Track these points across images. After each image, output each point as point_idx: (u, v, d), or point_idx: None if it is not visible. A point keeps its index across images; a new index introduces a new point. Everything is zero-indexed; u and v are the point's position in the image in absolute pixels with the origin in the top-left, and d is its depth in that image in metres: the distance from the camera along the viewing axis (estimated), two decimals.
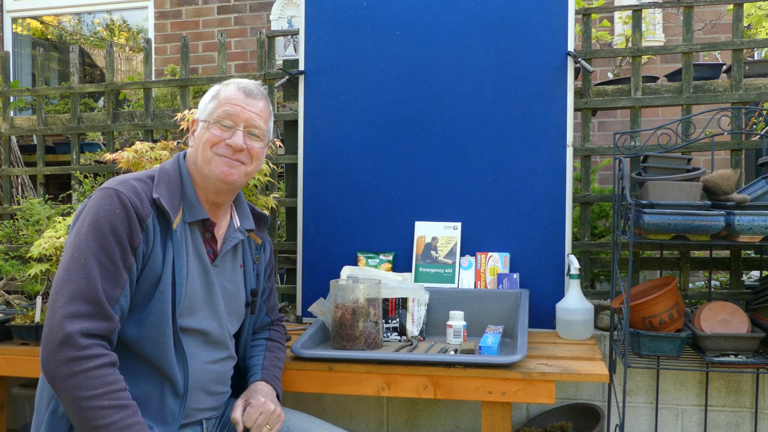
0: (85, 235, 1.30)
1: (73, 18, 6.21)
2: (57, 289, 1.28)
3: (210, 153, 1.45)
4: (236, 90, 1.48)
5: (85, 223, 1.32)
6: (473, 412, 2.33)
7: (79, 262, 1.28)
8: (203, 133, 1.46)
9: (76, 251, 1.29)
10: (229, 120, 1.46)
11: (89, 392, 1.22)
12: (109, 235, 1.30)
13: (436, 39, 2.32)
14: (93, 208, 1.33)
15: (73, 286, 1.26)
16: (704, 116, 2.26)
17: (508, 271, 2.22)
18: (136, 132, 3.23)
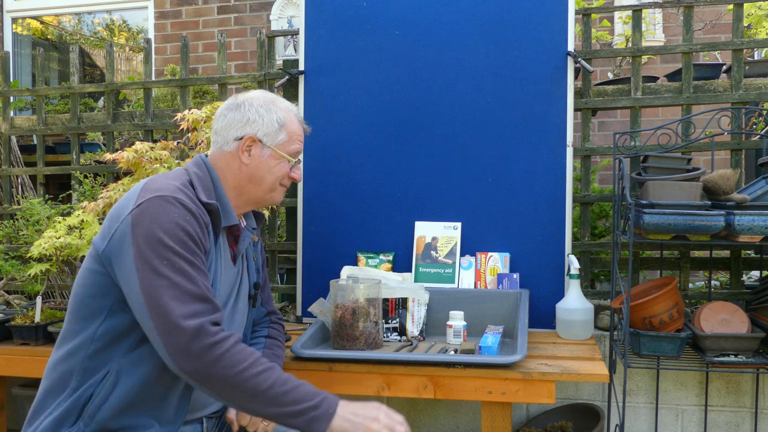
0: (166, 240, 1.28)
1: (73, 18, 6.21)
2: (158, 296, 1.25)
3: (276, 184, 1.56)
4: (299, 124, 1.61)
5: (159, 230, 1.29)
6: (473, 412, 2.33)
7: (173, 266, 1.28)
8: (274, 163, 1.54)
9: (164, 258, 1.27)
10: (296, 156, 1.60)
11: (241, 365, 1.26)
12: (189, 239, 1.32)
13: (436, 39, 2.32)
14: (163, 216, 1.31)
15: (177, 290, 1.27)
16: (704, 116, 2.26)
17: (508, 271, 2.22)
18: (136, 132, 3.23)
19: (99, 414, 1.33)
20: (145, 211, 1.31)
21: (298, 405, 1.26)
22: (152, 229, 1.29)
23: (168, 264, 1.27)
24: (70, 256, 2.06)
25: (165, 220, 1.30)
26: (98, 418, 1.33)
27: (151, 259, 1.27)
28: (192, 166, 1.50)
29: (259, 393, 1.26)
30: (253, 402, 1.27)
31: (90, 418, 1.33)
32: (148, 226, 1.29)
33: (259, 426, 1.49)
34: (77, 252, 2.01)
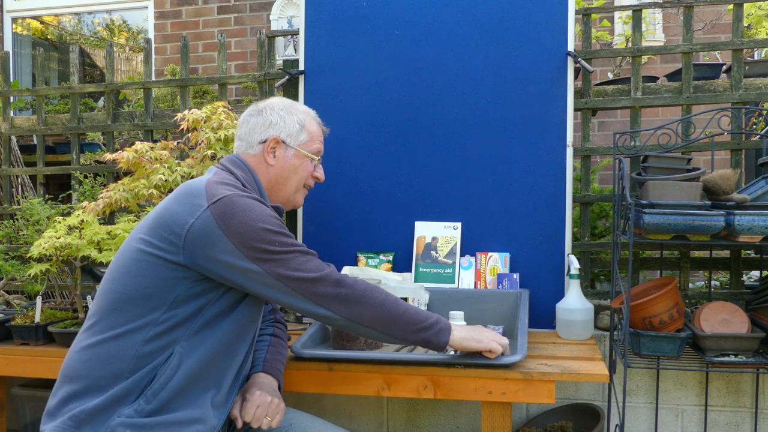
0: (267, 227, 1.39)
1: (73, 18, 6.21)
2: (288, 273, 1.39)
3: (301, 185, 1.65)
4: (318, 127, 1.69)
5: (254, 221, 1.38)
6: (473, 412, 2.33)
7: (284, 244, 1.40)
8: (298, 163, 1.62)
9: (274, 240, 1.38)
10: (319, 155, 1.68)
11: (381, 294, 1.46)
12: (281, 227, 1.43)
13: (436, 39, 2.32)
14: (249, 209, 1.39)
15: (298, 258, 1.40)
16: (704, 116, 2.26)
17: (508, 271, 2.22)
18: (136, 132, 3.23)
19: (162, 392, 1.35)
20: (228, 206, 1.38)
21: (427, 321, 1.49)
22: (249, 220, 1.37)
23: (280, 243, 1.39)
24: (70, 256, 2.06)
25: (257, 212, 1.40)
26: (161, 397, 1.35)
27: (261, 244, 1.37)
28: (235, 169, 1.55)
29: (400, 316, 1.46)
30: (396, 325, 1.46)
31: (153, 395, 1.35)
32: (241, 219, 1.37)
33: (263, 420, 1.49)
34: (77, 252, 2.01)
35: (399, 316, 1.46)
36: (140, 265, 1.38)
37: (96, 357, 1.37)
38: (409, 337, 1.48)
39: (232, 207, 1.37)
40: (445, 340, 1.51)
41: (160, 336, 1.36)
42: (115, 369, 1.35)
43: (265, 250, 1.37)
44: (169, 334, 1.37)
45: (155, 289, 1.37)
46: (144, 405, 1.34)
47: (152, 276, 1.37)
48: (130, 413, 1.33)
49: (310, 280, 1.39)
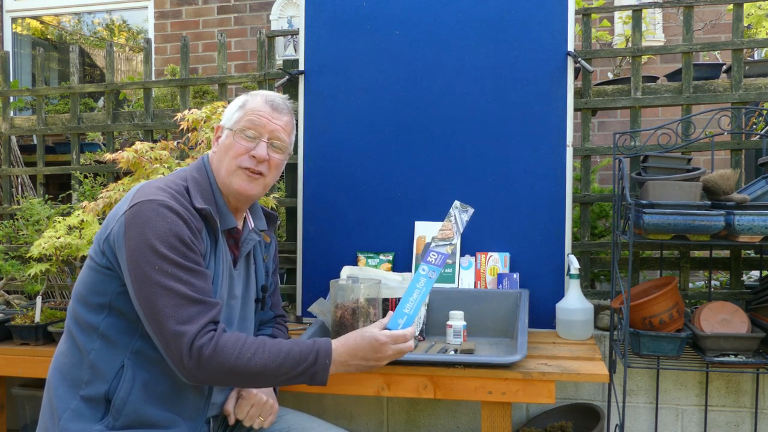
0: (157, 246, 1.30)
1: (73, 18, 6.21)
2: (153, 304, 1.29)
3: (234, 164, 1.48)
4: (263, 102, 1.52)
5: (151, 235, 1.30)
6: (473, 412, 2.33)
7: (165, 273, 1.29)
8: (228, 142, 1.50)
9: (155, 265, 1.29)
10: (253, 131, 1.49)
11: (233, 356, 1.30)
12: (181, 244, 1.32)
13: (436, 39, 2.32)
14: (154, 222, 1.32)
15: (171, 297, 1.29)
16: (704, 116, 2.26)
17: (508, 271, 2.22)
18: (136, 132, 3.23)
19: (126, 407, 1.35)
20: (136, 214, 1.33)
21: (296, 369, 1.34)
22: (144, 234, 1.31)
23: (160, 271, 1.29)
24: (70, 256, 2.06)
25: (156, 226, 1.31)
26: (126, 411, 1.35)
27: (143, 266, 1.29)
28: (192, 169, 1.51)
29: (263, 370, 1.31)
30: (260, 378, 1.33)
31: (118, 412, 1.35)
32: (139, 231, 1.31)
33: (255, 420, 1.50)
34: (77, 252, 2.01)
35: (255, 376, 1.32)
36: (85, 271, 1.41)
37: (62, 366, 1.41)
38: (278, 384, 1.37)
39: (137, 216, 1.32)
40: (321, 381, 1.36)
41: (106, 345, 1.37)
42: (74, 378, 1.38)
43: (140, 267, 1.29)
44: (114, 343, 1.37)
45: (95, 295, 1.38)
46: (113, 422, 1.35)
47: (91, 280, 1.39)
48: (102, 428, 1.35)
49: (165, 328, 1.28)
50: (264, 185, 1.53)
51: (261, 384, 1.36)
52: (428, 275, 1.50)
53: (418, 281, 1.49)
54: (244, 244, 1.55)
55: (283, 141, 1.53)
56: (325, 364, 1.35)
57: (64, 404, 1.37)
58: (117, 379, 1.35)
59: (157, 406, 1.37)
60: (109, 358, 1.36)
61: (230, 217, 1.50)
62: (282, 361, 1.33)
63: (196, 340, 1.27)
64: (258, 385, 1.37)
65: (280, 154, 1.53)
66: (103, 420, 1.35)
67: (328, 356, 1.35)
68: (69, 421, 1.35)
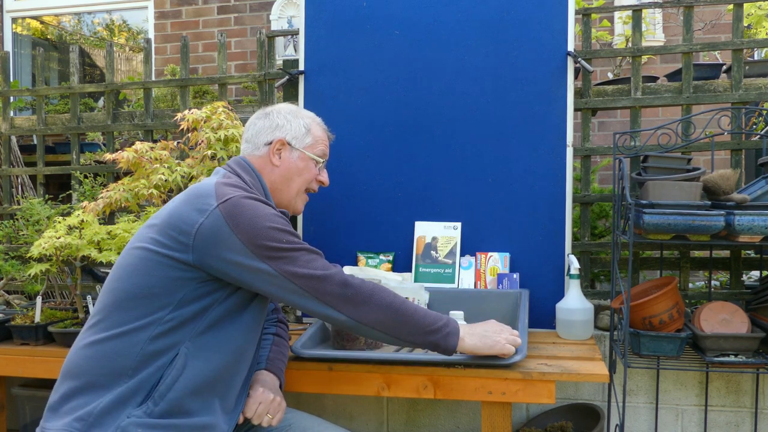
0: (277, 226, 1.40)
1: (73, 18, 6.21)
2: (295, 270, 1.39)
3: (304, 187, 1.68)
4: (324, 132, 1.72)
5: (262, 220, 1.39)
6: (473, 412, 2.33)
7: (290, 242, 1.40)
8: (303, 165, 1.65)
9: (281, 238, 1.39)
10: (323, 159, 1.71)
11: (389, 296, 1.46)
12: (283, 221, 1.44)
13: (436, 39, 2.32)
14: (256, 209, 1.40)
15: (306, 256, 1.41)
16: (704, 116, 2.26)
17: (508, 271, 2.22)
18: (136, 132, 3.23)
19: (169, 394, 1.34)
20: (237, 207, 1.39)
21: (435, 324, 1.48)
22: (257, 220, 1.39)
23: (287, 242, 1.40)
24: (70, 256, 2.06)
25: (263, 211, 1.41)
26: (168, 399, 1.34)
27: (269, 244, 1.38)
28: (241, 172, 1.56)
29: (408, 318, 1.45)
30: (403, 327, 1.45)
31: (160, 397, 1.34)
32: (251, 218, 1.38)
33: (264, 418, 1.51)
34: (77, 252, 2.01)
35: (407, 318, 1.45)
36: (147, 264, 1.38)
37: (100, 354, 1.36)
38: (416, 339, 1.47)
39: (240, 207, 1.38)
40: (454, 343, 1.50)
41: (164, 335, 1.35)
42: (118, 367, 1.35)
43: (273, 247, 1.38)
44: (174, 333, 1.36)
45: (162, 288, 1.37)
46: (152, 407, 1.33)
47: (160, 275, 1.37)
48: (139, 414, 1.32)
49: (317, 278, 1.40)
50: None
51: (408, 331, 1.46)
52: None
53: None
54: None
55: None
56: (456, 327, 1.52)
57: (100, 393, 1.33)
58: (169, 368, 1.35)
59: (202, 395, 1.38)
60: (165, 348, 1.36)
61: None
62: (424, 313, 1.48)
63: (348, 279, 1.42)
64: (405, 331, 1.45)
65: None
66: (141, 405, 1.33)
67: (456, 323, 1.53)
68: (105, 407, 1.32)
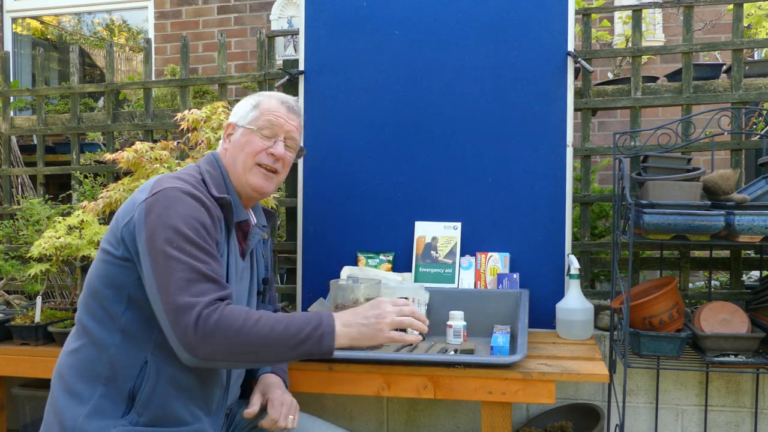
0: (178, 226, 1.31)
1: (73, 18, 6.21)
2: (167, 279, 1.28)
3: (251, 161, 1.53)
4: (279, 103, 1.58)
5: (172, 216, 1.32)
6: (473, 412, 2.33)
7: (182, 250, 1.30)
8: (244, 140, 1.54)
9: (174, 242, 1.30)
10: (270, 130, 1.55)
11: (238, 323, 1.27)
12: (201, 228, 1.34)
13: (436, 39, 2.32)
14: (176, 205, 1.34)
15: (186, 272, 1.29)
16: (704, 116, 2.26)
17: (508, 271, 2.22)
18: (136, 132, 3.23)
19: (152, 403, 1.35)
20: (159, 199, 1.35)
21: (303, 330, 1.30)
22: (166, 215, 1.32)
23: (178, 248, 1.30)
24: (70, 256, 2.06)
25: (180, 208, 1.34)
26: (151, 407, 1.35)
27: (162, 244, 1.30)
28: (204, 164, 1.54)
29: (267, 339, 1.28)
30: (266, 349, 1.29)
31: (143, 407, 1.35)
32: (161, 213, 1.33)
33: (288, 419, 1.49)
34: (77, 252, 2.01)
35: (262, 339, 1.28)
36: (100, 264, 1.41)
37: (77, 362, 1.39)
38: (285, 356, 1.32)
39: (160, 200, 1.34)
40: (329, 346, 1.32)
41: (128, 339, 1.36)
42: (92, 375, 1.37)
43: (158, 244, 1.30)
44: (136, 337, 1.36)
45: (111, 288, 1.38)
46: (137, 417, 1.34)
47: (108, 275, 1.38)
48: (125, 424, 1.34)
49: (177, 298, 1.27)
50: (277, 183, 1.59)
51: (270, 352, 1.30)
52: None
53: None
54: (251, 238, 1.58)
55: (296, 141, 1.61)
56: (330, 325, 1.33)
57: (82, 402, 1.35)
58: (142, 375, 1.35)
59: (183, 400, 1.37)
60: (132, 354, 1.35)
61: (242, 209, 1.54)
62: (288, 322, 1.30)
63: (204, 310, 1.26)
64: (267, 354, 1.30)
65: (292, 153, 1.61)
66: (126, 416, 1.34)
67: (331, 318, 1.34)
68: (88, 418, 1.33)
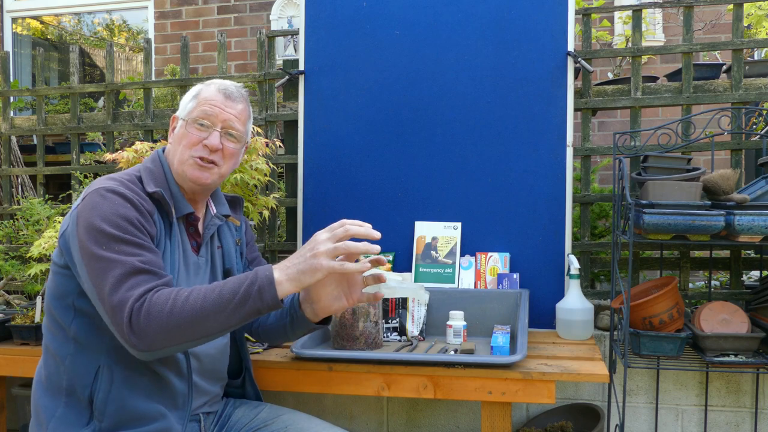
0: (103, 226, 1.29)
1: (73, 18, 6.21)
2: (101, 281, 1.26)
3: (187, 154, 1.47)
4: (216, 91, 1.50)
5: (97, 217, 1.30)
6: (473, 412, 2.33)
7: (112, 249, 1.27)
8: (181, 132, 1.49)
9: (102, 244, 1.28)
10: (206, 120, 1.48)
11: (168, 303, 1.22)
12: (128, 224, 1.31)
13: (436, 39, 2.32)
14: (101, 206, 1.31)
15: (117, 269, 1.26)
16: (704, 116, 2.26)
17: (508, 271, 2.22)
18: (136, 132, 3.23)
19: (108, 407, 1.34)
20: (86, 204, 1.34)
21: (238, 290, 1.23)
22: (91, 219, 1.31)
23: (107, 248, 1.28)
24: None
25: (103, 209, 1.31)
26: (109, 411, 1.34)
27: (91, 247, 1.29)
28: (147, 161, 1.52)
29: (202, 311, 1.22)
30: (204, 322, 1.23)
31: (101, 413, 1.35)
32: (87, 216, 1.31)
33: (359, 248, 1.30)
34: None
35: (199, 312, 1.22)
36: (49, 277, 1.42)
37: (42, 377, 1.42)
38: (230, 322, 1.25)
39: (86, 205, 1.33)
40: (273, 296, 1.24)
41: (80, 348, 1.36)
42: (54, 386, 1.39)
43: (89, 248, 1.28)
44: (87, 345, 1.36)
45: (59, 299, 1.39)
46: (98, 424, 1.35)
47: (55, 285, 1.39)
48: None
49: (110, 297, 1.24)
50: (219, 174, 1.51)
51: (211, 323, 1.23)
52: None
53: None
54: (206, 230, 1.55)
55: (238, 130, 1.52)
56: (267, 276, 1.24)
57: (49, 413, 1.37)
58: (96, 381, 1.35)
59: (141, 398, 1.36)
60: (85, 362, 1.36)
61: (185, 203, 1.49)
62: (221, 288, 1.24)
63: (135, 304, 1.22)
64: (209, 326, 1.24)
65: (234, 143, 1.52)
66: (89, 424, 1.35)
67: (267, 269, 1.26)
68: (55, 428, 1.36)
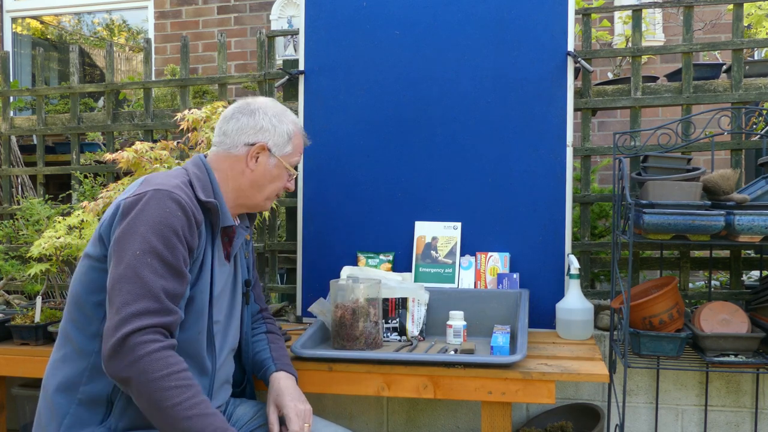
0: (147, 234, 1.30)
1: (72, 18, 6.21)
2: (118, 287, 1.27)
3: (273, 193, 1.60)
4: (302, 138, 1.65)
5: (144, 222, 1.31)
6: (473, 412, 2.33)
7: (144, 260, 1.28)
8: (276, 173, 1.58)
9: (137, 250, 1.28)
10: (296, 168, 1.68)
11: (153, 374, 1.23)
12: (172, 236, 1.32)
13: (436, 39, 2.32)
14: (152, 209, 1.32)
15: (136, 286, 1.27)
16: (704, 116, 2.26)
17: (508, 271, 2.22)
18: (136, 132, 3.23)
19: (130, 408, 1.35)
20: (137, 201, 1.34)
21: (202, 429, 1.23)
22: (136, 220, 1.31)
23: (140, 258, 1.28)
24: (70, 256, 2.06)
25: (153, 213, 1.32)
26: (129, 413, 1.35)
27: (125, 249, 1.29)
28: (191, 166, 1.51)
29: (161, 408, 1.23)
30: (155, 415, 1.24)
31: (121, 413, 1.35)
32: (134, 216, 1.32)
33: (305, 428, 1.50)
34: (77, 252, 2.01)
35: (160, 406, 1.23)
36: (80, 271, 1.41)
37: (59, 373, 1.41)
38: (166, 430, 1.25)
39: (137, 203, 1.33)
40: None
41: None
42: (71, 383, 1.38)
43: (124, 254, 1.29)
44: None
45: (93, 293, 1.38)
46: (115, 423, 1.35)
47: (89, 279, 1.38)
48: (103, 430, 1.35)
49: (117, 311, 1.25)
50: None
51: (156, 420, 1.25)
52: None
53: None
54: (236, 241, 1.58)
55: None
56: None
57: (62, 410, 1.37)
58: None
59: None
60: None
61: (228, 215, 1.52)
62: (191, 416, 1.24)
63: (136, 335, 1.23)
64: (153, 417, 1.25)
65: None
66: (104, 422, 1.36)
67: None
68: (68, 427, 1.35)
